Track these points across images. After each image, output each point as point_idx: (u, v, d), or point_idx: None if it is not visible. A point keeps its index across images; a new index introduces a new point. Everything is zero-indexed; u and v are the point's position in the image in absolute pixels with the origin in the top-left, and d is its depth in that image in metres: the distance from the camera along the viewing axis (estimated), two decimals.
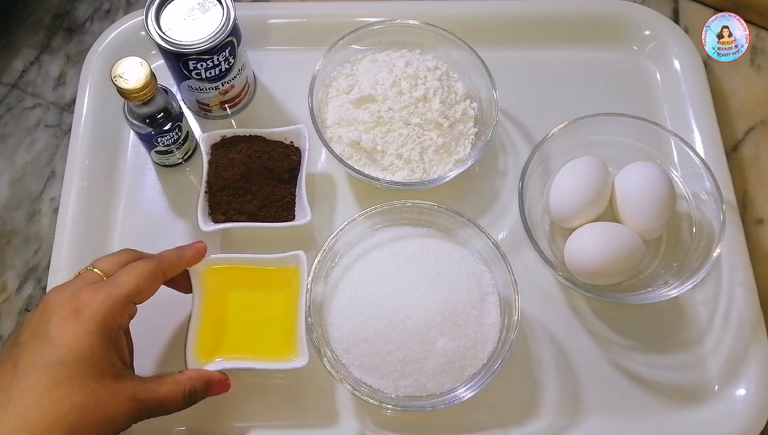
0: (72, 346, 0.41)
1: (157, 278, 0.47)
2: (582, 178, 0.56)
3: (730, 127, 0.66)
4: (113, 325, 0.43)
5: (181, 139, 0.59)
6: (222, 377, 0.49)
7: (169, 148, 0.59)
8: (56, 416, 0.40)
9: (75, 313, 0.42)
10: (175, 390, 0.45)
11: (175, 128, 0.57)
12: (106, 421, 0.41)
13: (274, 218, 0.57)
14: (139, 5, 0.71)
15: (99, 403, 0.41)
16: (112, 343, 0.43)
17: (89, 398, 0.41)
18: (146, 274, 0.46)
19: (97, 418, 0.41)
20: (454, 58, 0.63)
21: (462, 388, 0.52)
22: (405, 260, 0.54)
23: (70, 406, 0.40)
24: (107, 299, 0.43)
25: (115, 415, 0.42)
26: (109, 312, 0.43)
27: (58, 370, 0.40)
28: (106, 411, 0.41)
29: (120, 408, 0.42)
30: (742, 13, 0.63)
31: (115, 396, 0.42)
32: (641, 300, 0.55)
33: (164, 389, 0.45)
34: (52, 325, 0.42)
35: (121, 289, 0.44)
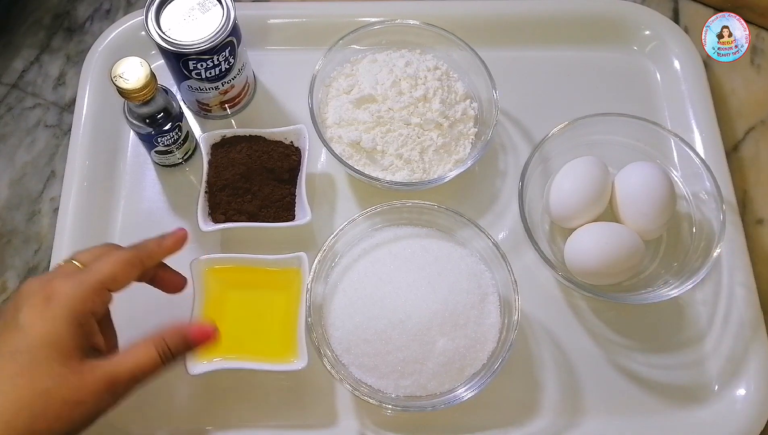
0: (39, 332, 0.41)
1: (135, 266, 0.46)
2: (582, 178, 0.56)
3: (730, 127, 0.66)
4: (83, 310, 0.42)
5: (181, 139, 0.59)
6: (200, 326, 0.46)
7: (169, 148, 0.59)
8: (19, 404, 0.39)
9: (46, 299, 0.42)
10: (146, 354, 0.43)
11: (175, 128, 0.57)
12: (74, 404, 0.40)
13: (274, 218, 0.57)
14: (139, 5, 0.71)
15: (64, 388, 0.40)
16: (82, 328, 0.42)
17: (53, 383, 0.40)
18: (122, 262, 0.45)
19: (63, 403, 0.40)
20: (454, 58, 0.63)
21: (462, 388, 0.52)
22: (405, 260, 0.54)
23: (32, 393, 0.39)
24: (79, 285, 0.42)
25: (84, 397, 0.41)
26: (79, 297, 0.42)
27: (23, 357, 0.40)
28: (72, 394, 0.40)
29: (89, 389, 0.41)
30: (742, 13, 0.63)
31: (81, 378, 0.41)
32: (641, 300, 0.55)
33: (132, 358, 0.43)
34: (22, 313, 0.41)
35: (94, 276, 0.43)
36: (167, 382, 0.54)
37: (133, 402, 0.54)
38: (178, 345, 0.44)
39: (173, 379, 0.54)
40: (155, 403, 0.54)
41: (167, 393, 0.55)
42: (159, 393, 0.55)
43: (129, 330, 0.57)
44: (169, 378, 0.54)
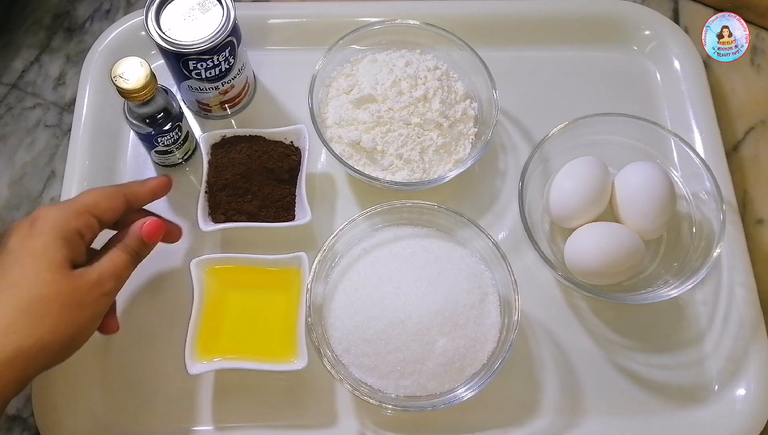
0: (27, 248, 0.44)
1: (116, 197, 0.49)
2: (582, 178, 0.56)
3: (730, 127, 0.66)
4: (67, 227, 0.45)
5: (181, 139, 0.59)
6: (150, 223, 0.50)
7: (169, 148, 0.59)
8: (17, 310, 0.42)
9: (31, 223, 0.45)
10: (119, 257, 0.47)
11: (175, 128, 0.57)
12: (74, 307, 0.43)
13: (274, 218, 0.57)
14: (139, 5, 0.71)
15: (61, 293, 0.43)
16: (68, 244, 0.45)
17: (48, 289, 0.43)
18: (105, 192, 0.49)
19: (62, 306, 0.43)
20: (454, 58, 0.63)
21: (462, 388, 0.52)
22: (405, 260, 0.54)
23: (29, 299, 0.42)
24: (62, 209, 0.46)
25: (81, 299, 0.44)
26: (62, 217, 0.45)
27: (14, 272, 0.43)
28: (69, 298, 0.43)
29: (83, 291, 0.44)
30: (742, 13, 0.63)
31: (73, 283, 0.44)
32: (641, 300, 0.55)
33: (109, 261, 0.47)
34: (10, 239, 0.44)
35: (76, 201, 0.47)
36: (167, 382, 0.55)
37: (133, 402, 0.55)
38: (136, 243, 0.49)
39: (173, 379, 0.54)
40: (155, 403, 0.54)
41: (167, 393, 0.55)
42: (159, 393, 0.55)
43: (129, 330, 0.57)
44: (169, 378, 0.55)
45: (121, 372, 0.56)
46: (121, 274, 0.48)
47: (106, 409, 0.54)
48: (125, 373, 0.56)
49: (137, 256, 0.49)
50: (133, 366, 0.56)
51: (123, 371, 0.56)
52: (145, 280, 0.58)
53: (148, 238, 0.50)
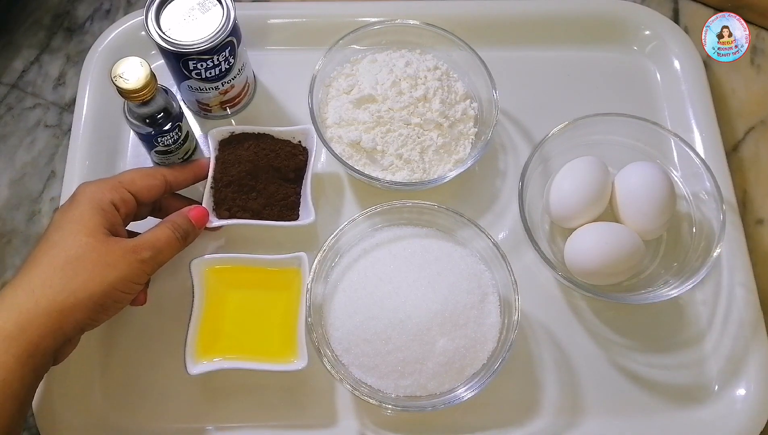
0: (66, 216, 0.47)
1: (155, 177, 0.52)
2: (582, 178, 0.56)
3: (730, 127, 0.66)
4: (103, 198, 0.48)
5: (181, 139, 0.59)
6: (196, 209, 0.53)
7: (169, 148, 0.59)
8: (53, 267, 0.45)
9: (72, 198, 0.49)
10: (162, 231, 0.50)
11: (175, 128, 0.57)
12: (105, 266, 0.46)
13: (277, 217, 0.57)
14: (139, 5, 0.71)
15: (94, 252, 0.46)
16: (104, 213, 0.48)
17: (83, 250, 0.46)
18: (144, 171, 0.53)
19: (94, 265, 0.46)
20: (454, 58, 0.63)
21: (462, 388, 0.52)
22: (405, 260, 0.54)
23: (65, 259, 0.45)
24: (99, 183, 0.50)
25: (113, 260, 0.46)
26: (98, 189, 0.49)
27: (54, 235, 0.46)
28: (101, 257, 0.46)
29: (116, 254, 0.47)
30: (742, 13, 0.63)
31: (107, 246, 0.47)
32: (641, 300, 0.55)
33: (151, 234, 0.50)
34: (57, 214, 0.48)
35: (115, 177, 0.51)
36: (167, 382, 0.55)
37: (133, 402, 0.55)
38: (185, 224, 0.52)
39: (173, 379, 0.54)
40: (155, 403, 0.55)
41: (167, 393, 0.55)
42: (159, 393, 0.55)
43: (129, 330, 0.57)
44: (169, 378, 0.55)
45: (121, 372, 0.56)
46: (162, 247, 0.49)
47: (106, 409, 0.54)
48: (125, 373, 0.56)
49: (183, 236, 0.51)
50: (134, 366, 0.56)
51: (123, 371, 0.56)
52: None
53: (196, 221, 0.53)
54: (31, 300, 0.43)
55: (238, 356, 0.52)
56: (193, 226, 0.52)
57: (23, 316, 0.43)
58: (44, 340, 0.43)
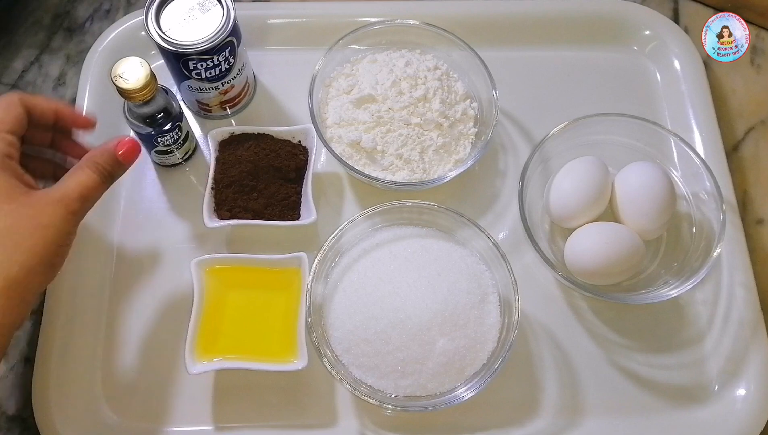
0: None
1: (14, 103, 0.47)
2: (582, 178, 0.56)
3: (730, 127, 0.66)
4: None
5: (181, 139, 0.59)
6: (122, 141, 0.49)
7: (169, 148, 0.59)
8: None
9: None
10: (87, 176, 0.47)
11: (175, 128, 0.57)
12: (42, 229, 0.44)
13: (279, 217, 0.57)
14: (139, 5, 0.71)
15: (23, 218, 0.43)
16: (3, 170, 0.44)
17: (12, 219, 0.43)
18: (3, 104, 0.47)
19: (30, 231, 0.43)
20: (454, 58, 0.63)
21: (462, 388, 0.52)
22: (405, 260, 0.54)
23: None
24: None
25: (47, 220, 0.44)
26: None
27: None
28: (34, 221, 0.43)
29: (47, 212, 0.44)
30: (742, 13, 0.63)
31: (34, 207, 0.44)
32: (641, 300, 0.55)
33: (75, 181, 0.46)
34: None
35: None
36: (167, 382, 0.55)
37: (133, 402, 0.55)
38: (110, 162, 0.48)
39: (173, 379, 0.54)
40: (155, 403, 0.54)
41: (167, 393, 0.55)
42: (159, 393, 0.55)
43: (129, 330, 0.57)
44: (169, 378, 0.55)
45: (121, 372, 0.56)
46: (89, 194, 0.46)
47: (106, 409, 0.54)
48: (125, 373, 0.56)
49: (110, 177, 0.48)
50: (134, 366, 0.56)
51: (123, 371, 0.56)
52: (146, 280, 0.58)
53: (125, 158, 0.49)
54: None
55: (238, 356, 0.52)
56: (120, 163, 0.49)
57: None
58: (8, 317, 0.43)
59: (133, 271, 0.59)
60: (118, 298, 0.58)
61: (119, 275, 0.59)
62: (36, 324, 0.57)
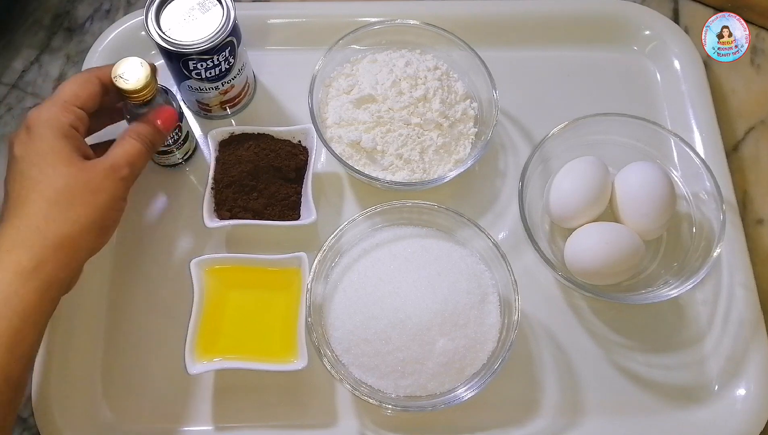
0: (34, 151, 0.47)
1: (91, 81, 0.51)
2: (582, 178, 0.56)
3: (730, 127, 0.66)
4: (61, 124, 0.48)
5: (182, 139, 0.59)
6: (162, 111, 0.53)
7: (169, 148, 0.59)
8: (48, 200, 0.45)
9: (27, 130, 0.48)
10: (131, 145, 0.50)
11: (176, 128, 0.57)
12: (95, 192, 0.47)
13: (279, 217, 0.57)
14: (139, 5, 0.71)
15: (80, 181, 0.47)
16: (68, 139, 0.48)
17: (69, 180, 0.46)
18: (79, 80, 0.51)
19: (84, 193, 0.47)
20: (454, 58, 0.63)
21: (462, 388, 0.52)
22: (405, 260, 0.54)
23: (55, 191, 0.46)
24: (49, 108, 0.49)
25: (100, 184, 0.47)
26: (53, 116, 0.48)
27: (32, 173, 0.46)
28: (89, 184, 0.47)
29: (100, 177, 0.48)
30: (742, 13, 0.63)
31: (88, 172, 0.47)
32: (641, 300, 0.55)
33: (121, 150, 0.50)
34: (16, 148, 0.48)
35: (59, 97, 0.50)
36: (167, 382, 0.55)
37: (133, 402, 0.55)
38: (151, 131, 0.52)
39: (173, 379, 0.54)
40: (155, 403, 0.55)
41: (167, 393, 0.55)
42: (159, 393, 0.55)
43: (129, 330, 0.57)
44: (169, 378, 0.55)
45: (121, 372, 0.56)
46: (135, 161, 0.50)
47: (106, 409, 0.54)
48: (125, 373, 0.56)
49: (151, 145, 0.52)
50: (133, 366, 0.56)
51: (123, 371, 0.56)
52: (146, 280, 0.58)
53: (164, 127, 0.53)
54: (39, 235, 0.45)
55: (238, 356, 0.52)
56: (159, 131, 0.53)
57: (36, 252, 0.44)
58: (61, 272, 0.45)
59: (133, 271, 0.59)
60: (118, 298, 0.58)
61: (119, 275, 0.59)
62: None
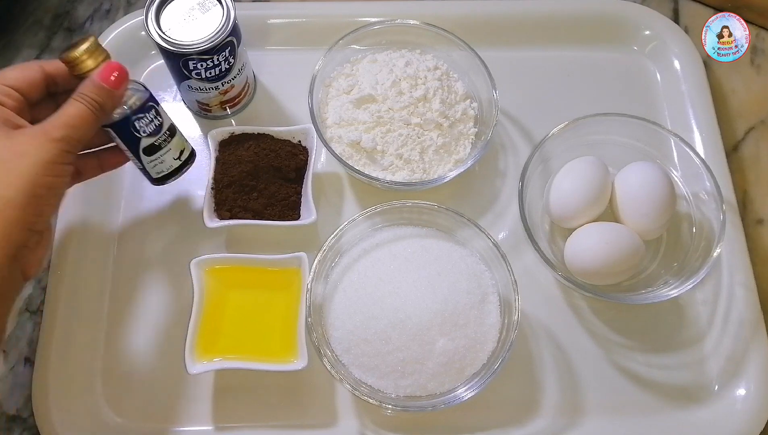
0: None
1: (30, 67, 0.47)
2: (582, 178, 0.56)
3: (730, 127, 0.66)
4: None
5: (164, 128, 0.52)
6: (105, 67, 0.47)
7: (155, 141, 0.52)
8: None
9: None
10: (74, 107, 0.46)
11: (150, 109, 0.51)
12: (18, 157, 0.43)
13: (279, 217, 0.57)
14: (139, 5, 0.71)
15: (5, 150, 0.43)
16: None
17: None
18: (18, 65, 0.47)
19: (5, 159, 0.42)
20: (454, 58, 0.63)
21: (462, 388, 0.52)
22: (405, 260, 0.54)
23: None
24: None
25: (22, 150, 0.43)
26: None
27: None
28: (7, 150, 0.43)
29: (24, 142, 0.43)
30: (742, 13, 0.63)
31: (10, 139, 0.43)
32: (641, 300, 0.55)
33: (62, 114, 0.45)
34: None
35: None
36: (167, 382, 0.55)
37: (133, 402, 0.55)
38: (96, 91, 0.46)
39: (173, 379, 0.54)
40: (155, 403, 0.55)
41: (167, 393, 0.55)
42: (159, 393, 0.55)
43: (129, 330, 0.57)
44: (169, 378, 0.55)
45: (120, 372, 0.56)
46: (74, 122, 0.45)
47: (106, 409, 0.54)
48: (125, 372, 0.56)
49: (97, 105, 0.46)
50: (134, 366, 0.56)
51: (123, 371, 0.56)
52: (145, 280, 0.58)
53: (106, 81, 0.47)
54: None
55: (238, 356, 0.52)
56: (107, 89, 0.47)
57: None
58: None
59: (133, 271, 0.59)
60: (118, 298, 0.58)
61: (119, 275, 0.59)
62: (36, 324, 0.57)
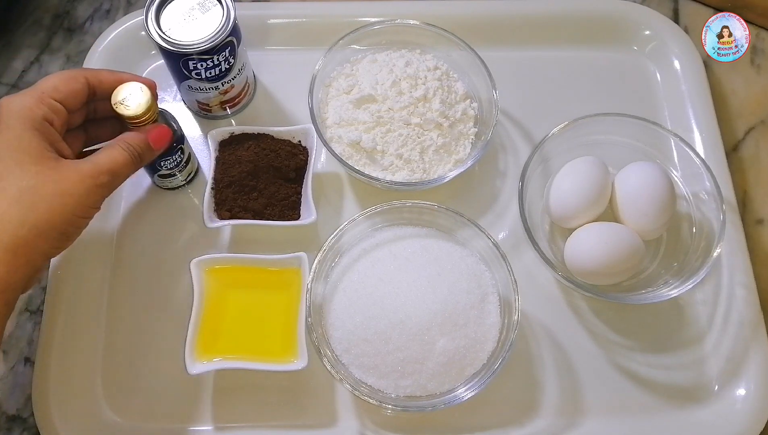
0: (1, 140, 0.44)
1: (76, 79, 0.48)
2: (582, 178, 0.56)
3: (730, 127, 0.66)
4: (33, 116, 0.45)
5: (184, 161, 0.58)
6: (156, 129, 0.51)
7: (171, 172, 0.58)
8: (8, 200, 0.43)
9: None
10: (119, 153, 0.48)
11: (177, 151, 0.56)
12: (62, 195, 0.44)
13: (279, 217, 0.57)
14: (139, 5, 0.71)
15: (48, 182, 0.44)
16: (41, 133, 0.45)
17: (35, 180, 0.43)
18: (64, 75, 0.48)
19: (51, 195, 0.44)
20: (454, 58, 0.63)
21: (462, 388, 0.52)
22: (405, 260, 0.54)
23: (18, 190, 0.43)
24: (22, 98, 0.46)
25: (70, 188, 0.44)
26: (26, 106, 0.45)
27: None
28: (57, 187, 0.44)
29: (72, 181, 0.45)
30: (742, 13, 0.63)
31: (61, 173, 0.44)
32: (641, 300, 0.55)
33: (107, 157, 0.47)
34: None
35: (37, 87, 0.47)
36: (167, 382, 0.55)
37: (133, 402, 0.55)
38: (141, 145, 0.50)
39: (173, 379, 0.54)
40: (155, 403, 0.55)
41: (167, 393, 0.55)
42: (159, 393, 0.55)
43: (129, 330, 0.57)
44: (169, 378, 0.55)
45: (121, 372, 0.56)
46: (119, 170, 0.48)
47: (106, 409, 0.54)
48: (125, 372, 0.56)
49: (139, 158, 0.49)
50: (134, 366, 0.56)
51: (123, 371, 0.56)
52: (145, 281, 0.58)
53: (155, 143, 0.51)
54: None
55: (238, 356, 0.52)
56: (150, 147, 0.50)
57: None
58: (14, 275, 0.43)
59: (133, 272, 0.59)
60: (118, 298, 0.58)
61: (119, 275, 0.59)
62: (36, 324, 0.57)
